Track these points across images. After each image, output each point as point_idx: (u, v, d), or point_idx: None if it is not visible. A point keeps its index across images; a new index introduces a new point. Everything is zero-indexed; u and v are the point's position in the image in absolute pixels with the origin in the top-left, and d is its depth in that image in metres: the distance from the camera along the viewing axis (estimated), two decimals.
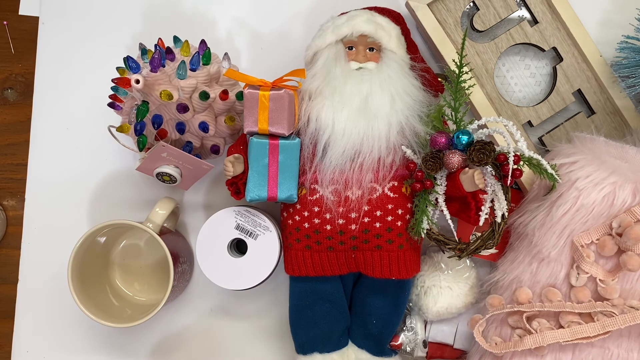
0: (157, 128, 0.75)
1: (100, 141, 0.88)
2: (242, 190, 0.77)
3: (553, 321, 0.76)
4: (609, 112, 0.85)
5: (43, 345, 0.89)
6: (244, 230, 0.80)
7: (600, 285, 0.75)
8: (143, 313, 0.80)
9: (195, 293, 0.89)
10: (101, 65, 0.87)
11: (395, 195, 0.75)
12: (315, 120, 0.75)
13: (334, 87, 0.75)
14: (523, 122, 0.85)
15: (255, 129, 0.74)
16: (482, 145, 0.70)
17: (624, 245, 0.73)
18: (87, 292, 0.80)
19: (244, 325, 0.89)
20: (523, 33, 0.84)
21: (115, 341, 0.89)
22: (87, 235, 0.79)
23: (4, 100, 0.91)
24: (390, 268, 0.77)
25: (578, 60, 0.84)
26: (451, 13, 0.84)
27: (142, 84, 0.69)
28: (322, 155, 0.75)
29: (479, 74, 0.84)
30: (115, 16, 0.90)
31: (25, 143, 0.90)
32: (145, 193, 0.89)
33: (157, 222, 0.81)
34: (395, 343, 0.84)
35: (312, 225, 0.76)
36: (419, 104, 0.76)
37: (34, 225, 0.90)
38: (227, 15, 0.90)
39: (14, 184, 0.91)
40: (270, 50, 0.90)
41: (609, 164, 0.75)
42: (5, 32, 0.91)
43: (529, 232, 0.77)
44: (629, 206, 0.73)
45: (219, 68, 0.79)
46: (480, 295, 0.84)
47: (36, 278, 0.89)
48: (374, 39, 0.77)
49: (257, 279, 0.80)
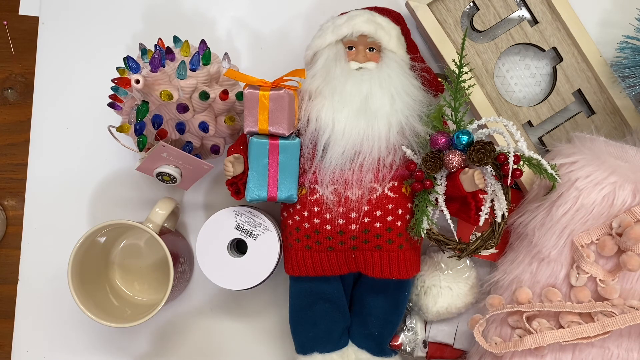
0: (157, 128, 0.75)
1: (100, 141, 0.88)
2: (242, 190, 0.77)
3: (553, 321, 0.76)
4: (609, 112, 0.85)
5: (43, 345, 0.89)
6: (244, 230, 0.80)
7: (600, 285, 0.75)
8: (143, 313, 0.80)
9: (195, 293, 0.89)
10: (101, 65, 0.87)
11: (395, 195, 0.75)
12: (315, 120, 0.75)
13: (334, 87, 0.75)
14: (523, 122, 0.85)
15: (255, 129, 0.74)
16: (482, 145, 0.70)
17: (624, 245, 0.73)
18: (87, 292, 0.80)
19: (244, 325, 0.89)
20: (523, 33, 0.84)
21: (115, 341, 0.89)
22: (87, 235, 0.79)
23: (4, 100, 0.91)
24: (390, 268, 0.77)
25: (578, 60, 0.84)
26: (451, 13, 0.84)
27: (142, 84, 0.69)
28: (322, 155, 0.75)
29: (479, 74, 0.84)
30: (115, 16, 0.90)
31: (25, 143, 0.90)
32: (145, 193, 0.89)
33: (157, 222, 0.81)
34: (395, 343, 0.84)
35: (312, 225, 0.76)
36: (419, 104, 0.76)
37: (34, 225, 0.90)
38: (227, 15, 0.90)
39: (14, 184, 0.91)
40: (270, 50, 0.90)
41: (609, 164, 0.75)
42: (5, 32, 0.91)
43: (529, 232, 0.77)
44: (629, 206, 0.73)
45: (219, 68, 0.79)
46: (480, 295, 0.84)
47: (36, 278, 0.89)
48: (374, 39, 0.77)
49: (257, 279, 0.80)
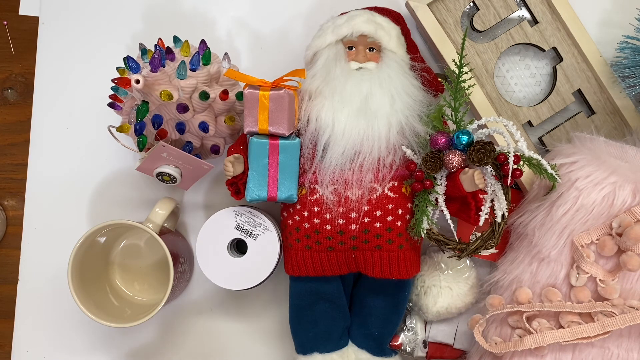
0: (157, 128, 0.75)
1: (100, 141, 0.88)
2: (242, 190, 0.77)
3: (553, 321, 0.76)
4: (609, 112, 0.85)
5: (43, 345, 0.89)
6: (244, 230, 0.80)
7: (600, 285, 0.75)
8: (143, 313, 0.80)
9: (195, 293, 0.89)
10: (101, 65, 0.87)
11: (395, 195, 0.75)
12: (315, 120, 0.75)
13: (334, 87, 0.75)
14: (523, 122, 0.85)
15: (255, 129, 0.74)
16: (482, 145, 0.70)
17: (624, 245, 0.73)
18: (87, 292, 0.80)
19: (244, 325, 0.89)
20: (523, 33, 0.84)
21: (115, 341, 0.89)
22: (87, 235, 0.79)
23: (4, 100, 0.91)
24: (390, 268, 0.77)
25: (578, 60, 0.84)
26: (451, 13, 0.84)
27: (142, 84, 0.69)
28: (322, 155, 0.75)
29: (479, 74, 0.84)
30: (115, 16, 0.90)
31: (25, 143, 0.90)
32: (145, 193, 0.89)
33: (157, 222, 0.81)
34: (395, 343, 0.84)
35: (312, 225, 0.76)
36: (419, 104, 0.76)
37: (34, 225, 0.90)
38: (227, 15, 0.90)
39: (14, 184, 0.91)
40: (270, 50, 0.90)
41: (609, 164, 0.75)
42: (5, 32, 0.91)
43: (529, 232, 0.77)
44: (629, 206, 0.73)
45: (219, 68, 0.79)
46: (480, 295, 0.84)
47: (36, 278, 0.89)
48: (374, 39, 0.77)
49: (257, 279, 0.80)
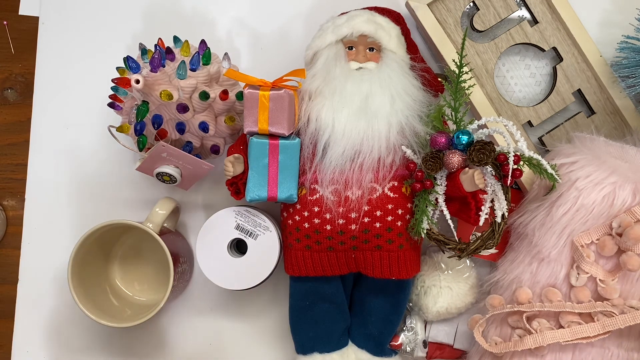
0: (157, 128, 0.75)
1: (100, 141, 0.88)
2: (242, 190, 0.77)
3: (553, 321, 0.76)
4: (609, 112, 0.85)
5: (43, 345, 0.89)
6: (244, 230, 0.80)
7: (600, 285, 0.75)
8: (143, 313, 0.80)
9: (195, 293, 0.89)
10: (101, 65, 0.87)
11: (395, 195, 0.75)
12: (315, 120, 0.75)
13: (334, 87, 0.75)
14: (523, 122, 0.85)
15: (255, 129, 0.74)
16: (482, 145, 0.70)
17: (624, 245, 0.73)
18: (87, 292, 0.80)
19: (244, 325, 0.89)
20: (523, 33, 0.84)
21: (115, 341, 0.89)
22: (87, 235, 0.79)
23: (4, 100, 0.91)
24: (390, 268, 0.77)
25: (578, 60, 0.84)
26: (451, 13, 0.84)
27: (142, 84, 0.69)
28: (322, 155, 0.75)
29: (479, 74, 0.84)
30: (115, 16, 0.90)
31: (25, 143, 0.90)
32: (145, 193, 0.89)
33: (157, 222, 0.81)
34: (395, 343, 0.84)
35: (312, 225, 0.76)
36: (419, 104, 0.76)
37: (34, 225, 0.90)
38: (227, 15, 0.90)
39: (14, 184, 0.91)
40: (270, 50, 0.90)
41: (609, 164, 0.75)
42: (5, 32, 0.91)
43: (529, 232, 0.77)
44: (629, 206, 0.73)
45: (219, 68, 0.79)
46: (480, 295, 0.84)
47: (36, 278, 0.89)
48: (374, 39, 0.77)
49: (257, 279, 0.80)
